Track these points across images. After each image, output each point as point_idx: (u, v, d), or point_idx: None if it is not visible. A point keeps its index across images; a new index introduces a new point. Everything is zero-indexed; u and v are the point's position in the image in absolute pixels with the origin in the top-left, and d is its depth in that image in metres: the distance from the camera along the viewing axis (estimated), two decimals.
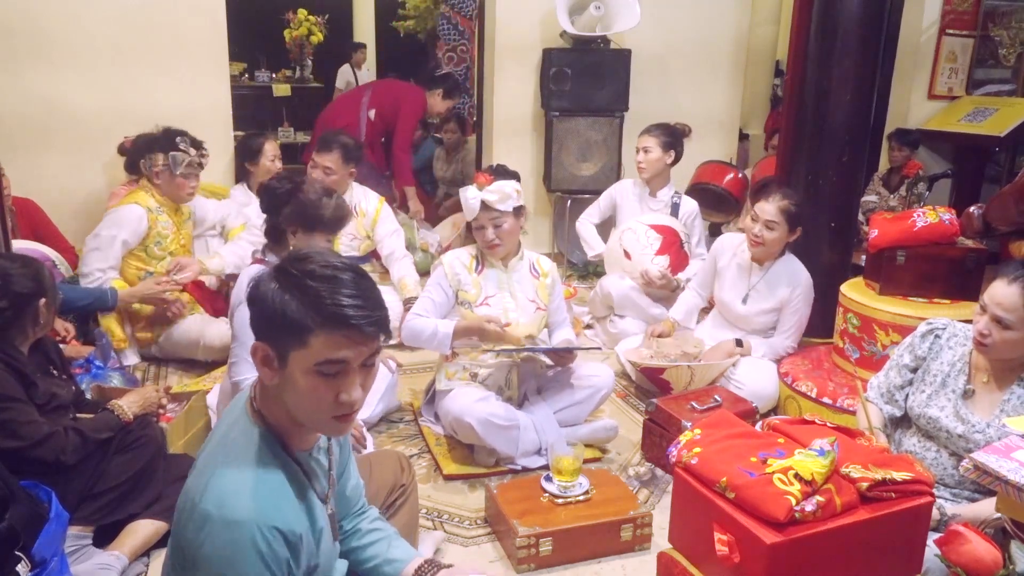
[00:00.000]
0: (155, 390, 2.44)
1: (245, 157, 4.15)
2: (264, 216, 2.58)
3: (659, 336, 3.41)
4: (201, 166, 3.45)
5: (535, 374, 2.88)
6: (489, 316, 2.67)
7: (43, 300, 2.14)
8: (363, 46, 9.57)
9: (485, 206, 2.66)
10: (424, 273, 4.43)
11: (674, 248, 3.83)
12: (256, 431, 1.31)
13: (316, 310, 1.21)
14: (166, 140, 3.37)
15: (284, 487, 1.29)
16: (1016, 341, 1.91)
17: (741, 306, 3.25)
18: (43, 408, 2.09)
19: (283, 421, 1.32)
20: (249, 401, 1.34)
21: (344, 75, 9.16)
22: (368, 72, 9.64)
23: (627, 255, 3.84)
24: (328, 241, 2.53)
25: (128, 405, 2.27)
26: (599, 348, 3.56)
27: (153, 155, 3.35)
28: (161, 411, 2.46)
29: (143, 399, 2.34)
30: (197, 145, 3.44)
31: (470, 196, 2.68)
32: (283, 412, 1.31)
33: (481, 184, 2.68)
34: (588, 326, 4.10)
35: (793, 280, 3.15)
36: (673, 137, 4.00)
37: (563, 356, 2.81)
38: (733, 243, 3.37)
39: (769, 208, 3.08)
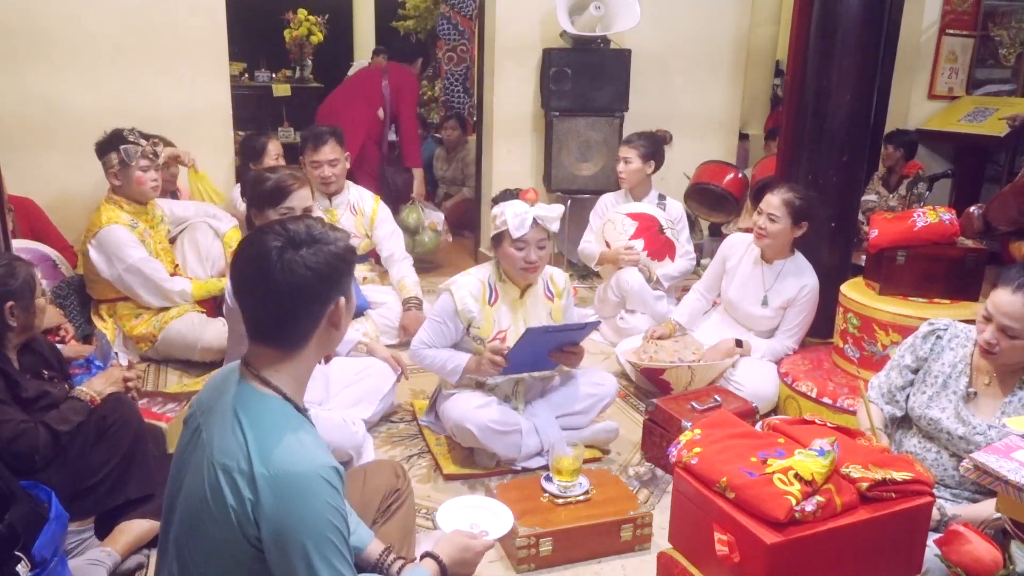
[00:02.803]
0: (119, 367, 2.40)
1: (249, 158, 4.13)
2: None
3: (659, 338, 3.41)
4: (156, 155, 3.40)
5: (546, 377, 2.86)
6: (492, 348, 2.55)
7: (10, 303, 2.09)
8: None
9: (535, 223, 2.52)
10: (431, 254, 4.52)
11: (650, 233, 3.88)
12: (271, 398, 1.38)
13: (340, 240, 1.40)
14: (114, 138, 3.31)
15: (317, 435, 1.39)
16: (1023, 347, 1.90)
17: (759, 308, 3.25)
18: (33, 404, 2.08)
19: (293, 385, 1.41)
20: (253, 378, 1.39)
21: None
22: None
23: (607, 245, 3.94)
24: (282, 216, 2.58)
25: (89, 386, 2.25)
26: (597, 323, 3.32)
27: (106, 157, 3.29)
28: (130, 387, 2.40)
29: (106, 377, 2.32)
30: (146, 137, 3.40)
31: (519, 211, 2.49)
32: (295, 378, 1.41)
33: (531, 200, 2.53)
34: None
35: (801, 280, 3.17)
36: (654, 146, 4.04)
37: (568, 355, 2.65)
38: (744, 242, 3.38)
39: (773, 200, 3.13)
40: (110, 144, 3.31)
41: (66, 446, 2.10)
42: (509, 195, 2.69)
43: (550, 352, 2.64)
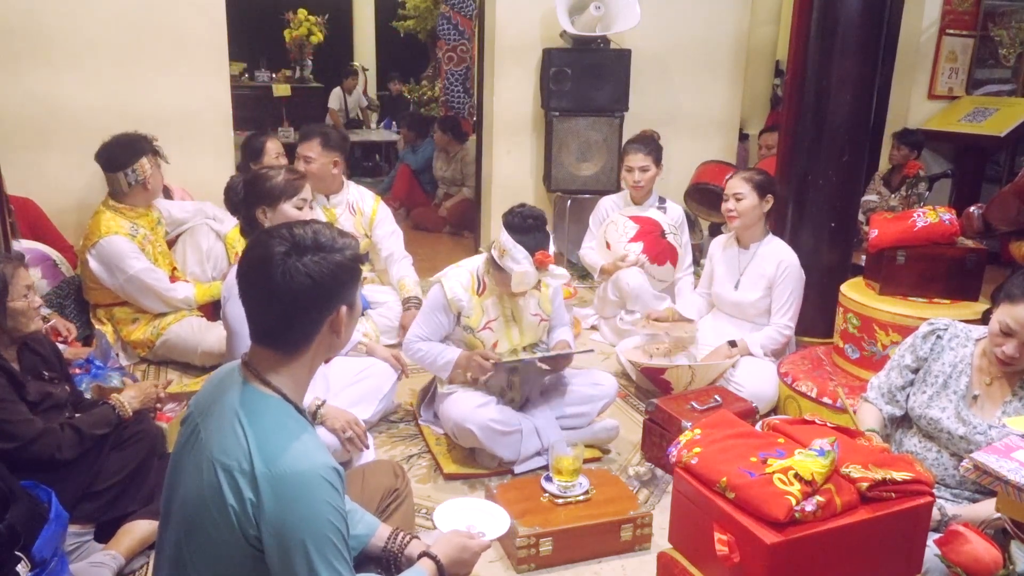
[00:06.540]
0: (154, 385, 2.43)
1: (249, 157, 4.14)
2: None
3: (656, 320, 3.44)
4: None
5: (539, 373, 2.87)
6: (484, 353, 2.64)
7: None
8: (355, 73, 9.58)
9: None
10: None
11: (651, 237, 3.87)
12: (273, 398, 1.38)
13: (347, 248, 1.42)
14: (142, 143, 3.37)
15: (317, 436, 1.40)
16: None
17: (733, 292, 3.32)
18: (37, 407, 2.08)
19: (293, 387, 1.41)
20: (254, 378, 1.40)
21: (336, 97, 9.39)
22: (357, 94, 9.70)
23: (608, 246, 3.94)
24: (297, 208, 2.57)
25: (129, 401, 2.26)
26: (591, 351, 3.47)
27: (138, 163, 3.33)
28: (158, 407, 2.45)
29: (143, 394, 2.33)
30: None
31: (527, 277, 2.54)
32: (295, 380, 1.42)
33: (544, 265, 2.55)
34: (593, 327, 4.09)
35: (778, 257, 3.22)
36: (659, 149, 4.04)
37: (559, 361, 2.76)
38: (723, 239, 3.50)
39: (734, 182, 3.27)
40: (135, 150, 3.34)
41: (87, 448, 2.10)
42: (525, 223, 2.57)
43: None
